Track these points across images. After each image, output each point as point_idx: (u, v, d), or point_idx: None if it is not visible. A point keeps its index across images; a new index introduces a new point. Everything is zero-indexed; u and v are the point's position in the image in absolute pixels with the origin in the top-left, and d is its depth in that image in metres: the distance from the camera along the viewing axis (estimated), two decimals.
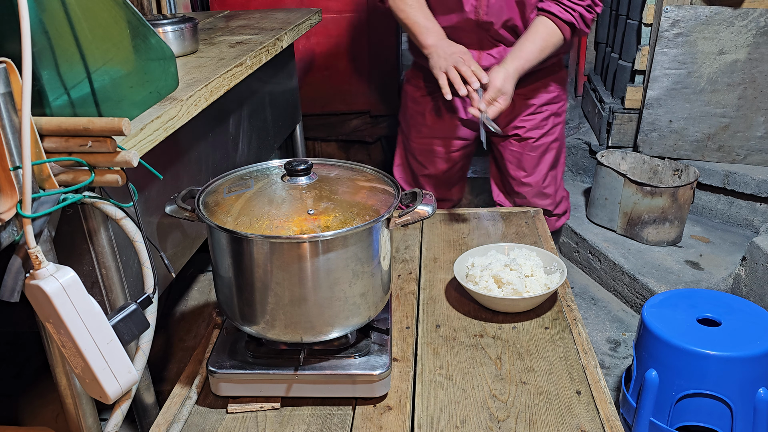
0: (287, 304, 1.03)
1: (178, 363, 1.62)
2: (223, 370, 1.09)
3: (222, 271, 1.07)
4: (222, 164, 1.54)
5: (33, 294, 0.84)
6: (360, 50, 2.95)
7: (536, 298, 1.30)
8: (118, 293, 1.08)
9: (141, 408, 1.18)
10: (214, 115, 1.48)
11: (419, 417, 1.07)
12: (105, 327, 0.89)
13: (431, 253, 1.60)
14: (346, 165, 1.20)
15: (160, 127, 1.07)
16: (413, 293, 1.43)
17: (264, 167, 1.18)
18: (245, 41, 1.65)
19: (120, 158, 0.89)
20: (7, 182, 0.82)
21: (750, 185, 2.60)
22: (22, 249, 0.85)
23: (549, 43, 1.66)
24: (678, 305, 1.65)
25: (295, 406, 1.11)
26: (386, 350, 1.12)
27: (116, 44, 1.06)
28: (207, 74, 1.31)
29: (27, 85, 0.78)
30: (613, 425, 1.03)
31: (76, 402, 1.03)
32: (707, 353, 1.46)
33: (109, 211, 0.97)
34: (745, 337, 1.51)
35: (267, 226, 0.99)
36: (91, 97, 0.98)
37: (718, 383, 1.47)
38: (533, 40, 1.66)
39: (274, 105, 1.96)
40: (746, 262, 2.13)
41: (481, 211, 1.82)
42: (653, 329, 1.55)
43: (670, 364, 1.51)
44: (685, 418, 1.53)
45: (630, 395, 1.63)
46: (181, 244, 1.32)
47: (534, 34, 1.66)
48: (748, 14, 2.55)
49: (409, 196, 1.13)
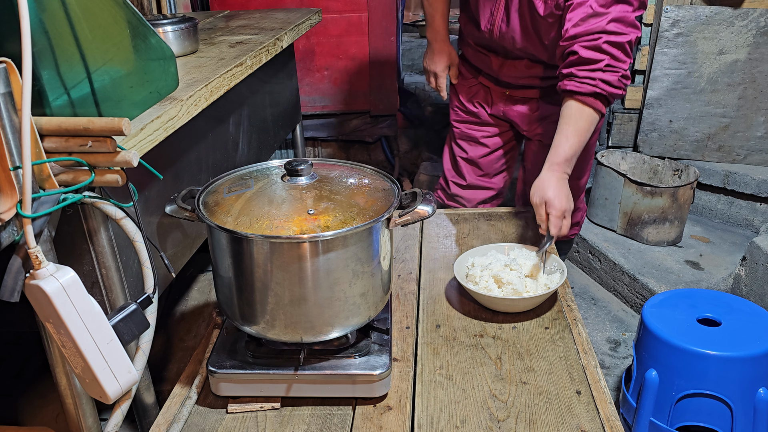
0: (287, 304, 1.03)
1: (178, 363, 1.62)
2: (223, 370, 1.09)
3: (222, 271, 1.07)
4: (222, 164, 1.54)
5: (33, 294, 0.84)
6: (360, 50, 2.96)
7: (536, 298, 1.30)
8: (118, 293, 1.08)
9: (141, 408, 1.18)
10: (214, 115, 1.48)
11: (419, 417, 1.07)
12: (105, 327, 0.89)
13: (431, 253, 1.60)
14: (346, 165, 1.20)
15: (160, 127, 1.07)
16: (413, 293, 1.43)
17: (264, 167, 1.18)
18: (245, 41, 1.65)
19: (120, 158, 0.89)
20: (7, 182, 0.82)
21: (750, 185, 2.60)
22: (22, 249, 0.85)
23: (582, 126, 1.47)
24: (678, 305, 1.65)
25: (295, 406, 1.11)
26: (386, 350, 1.12)
27: (116, 44, 1.06)
28: (207, 74, 1.31)
29: (27, 85, 0.78)
30: (613, 425, 1.03)
31: (76, 402, 1.03)
32: (707, 353, 1.46)
33: (109, 211, 0.97)
34: (745, 337, 1.51)
35: (267, 226, 0.99)
36: (91, 97, 0.98)
37: (718, 383, 1.47)
38: (563, 130, 1.47)
39: (274, 105, 1.96)
40: (746, 262, 2.13)
41: (482, 211, 1.82)
42: (653, 329, 1.55)
43: (670, 364, 1.51)
44: (685, 418, 1.53)
45: (630, 395, 1.63)
46: (181, 244, 1.32)
47: (563, 124, 1.48)
48: (748, 14, 2.55)
49: (409, 196, 1.13)
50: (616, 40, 1.43)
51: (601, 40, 1.42)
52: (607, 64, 1.43)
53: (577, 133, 1.46)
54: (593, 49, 1.43)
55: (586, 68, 1.44)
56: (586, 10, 1.43)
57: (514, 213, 1.80)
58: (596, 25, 1.43)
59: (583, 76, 1.44)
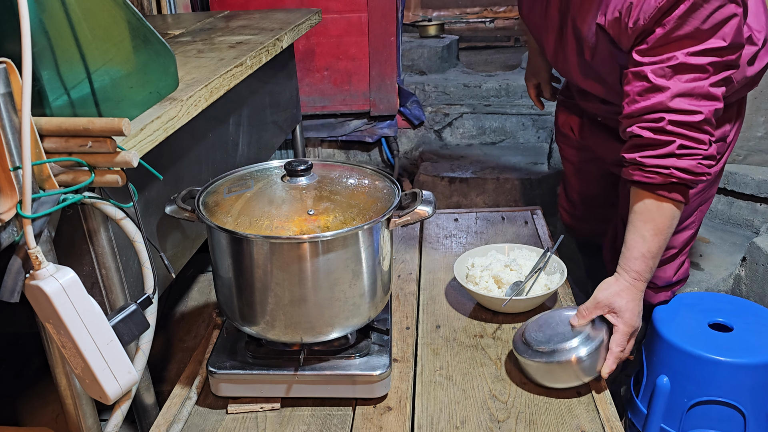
0: (287, 304, 1.03)
1: (178, 363, 1.61)
2: (223, 370, 1.09)
3: (222, 272, 1.07)
4: (222, 164, 1.54)
5: (33, 294, 0.84)
6: (360, 50, 2.96)
7: (536, 298, 1.30)
8: (118, 293, 1.08)
9: (141, 408, 1.17)
10: (214, 116, 1.48)
11: (419, 417, 1.07)
12: (105, 327, 0.89)
13: (431, 253, 1.60)
14: (346, 165, 1.20)
15: (160, 128, 1.07)
16: (413, 293, 1.43)
17: (264, 167, 1.18)
18: (245, 41, 1.65)
19: (120, 158, 0.89)
20: (7, 182, 0.81)
21: (750, 185, 2.60)
22: (22, 249, 0.85)
23: (662, 224, 1.15)
24: (689, 310, 1.62)
25: (295, 407, 1.11)
26: (386, 351, 1.12)
27: (116, 44, 1.06)
28: (207, 74, 1.31)
29: (27, 85, 0.78)
30: (613, 425, 1.03)
31: (76, 402, 1.03)
32: (719, 359, 1.44)
33: (109, 212, 0.97)
34: (759, 343, 1.47)
35: (267, 226, 0.99)
36: (91, 97, 0.98)
37: (730, 390, 1.44)
38: (638, 229, 1.17)
39: (274, 105, 1.96)
40: (746, 263, 2.13)
41: (481, 212, 1.82)
42: (664, 334, 1.53)
43: (682, 371, 1.48)
44: (696, 424, 1.50)
45: (639, 401, 1.62)
46: (181, 245, 1.32)
47: (637, 221, 1.17)
48: None
49: (409, 197, 1.13)
50: (685, 120, 1.11)
51: (665, 121, 1.11)
52: (680, 145, 1.11)
53: (656, 232, 1.15)
54: (656, 132, 1.13)
55: (654, 154, 1.13)
56: (642, 83, 1.13)
57: (514, 213, 1.80)
58: (656, 102, 1.12)
59: (651, 165, 1.13)
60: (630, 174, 1.17)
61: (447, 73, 3.41)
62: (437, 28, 3.71)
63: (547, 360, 1.09)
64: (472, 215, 1.80)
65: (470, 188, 2.71)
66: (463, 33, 4.19)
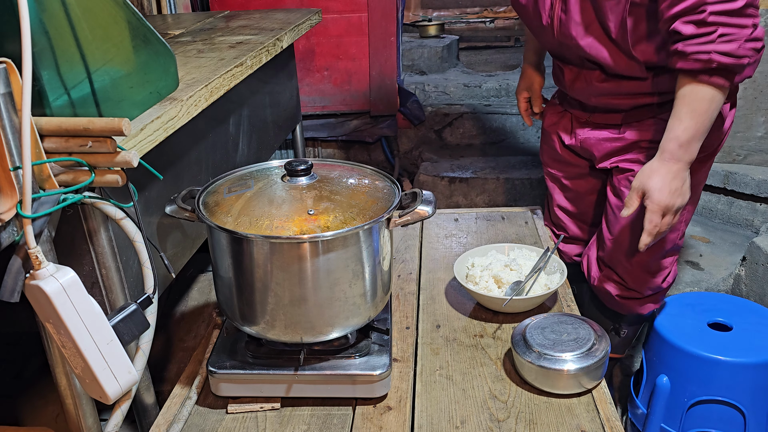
0: (287, 304, 1.03)
1: (178, 363, 1.61)
2: (223, 370, 1.09)
3: (222, 272, 1.07)
4: (222, 164, 1.54)
5: (33, 294, 0.84)
6: (360, 50, 2.96)
7: (536, 298, 1.30)
8: (118, 293, 1.08)
9: (141, 408, 1.17)
10: (214, 116, 1.48)
11: (419, 417, 1.07)
12: (105, 327, 0.89)
13: (431, 253, 1.60)
14: (347, 165, 1.20)
15: (160, 128, 1.07)
16: (413, 293, 1.43)
17: (264, 167, 1.18)
18: (245, 41, 1.65)
19: (120, 158, 0.89)
20: (7, 182, 0.82)
21: (750, 185, 2.60)
22: (22, 249, 0.85)
23: (699, 108, 1.23)
24: (688, 310, 1.62)
25: (295, 407, 1.11)
26: (386, 350, 1.12)
27: (116, 44, 1.06)
28: (207, 74, 1.31)
29: (27, 85, 0.78)
30: (613, 425, 1.03)
31: (76, 402, 1.03)
32: (719, 359, 1.44)
33: (109, 212, 0.97)
34: (758, 343, 1.48)
35: (267, 226, 0.99)
36: (91, 97, 0.98)
37: (730, 389, 1.44)
38: (676, 112, 1.26)
39: (274, 105, 1.96)
40: (746, 263, 2.13)
41: (481, 211, 1.82)
42: (664, 334, 1.53)
43: (682, 370, 1.48)
44: (697, 424, 1.50)
45: (639, 401, 1.62)
46: (181, 244, 1.32)
47: (676, 105, 1.26)
48: None
49: (409, 197, 1.13)
50: (724, 9, 1.17)
51: (706, 13, 1.17)
52: (721, 34, 1.17)
53: (693, 115, 1.23)
54: (699, 24, 1.19)
55: (695, 42, 1.19)
56: None
57: (514, 213, 1.80)
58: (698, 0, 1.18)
59: (692, 51, 1.19)
60: (674, 62, 1.24)
61: (447, 73, 3.41)
62: (437, 28, 3.71)
63: (546, 365, 1.09)
64: (472, 215, 1.80)
65: (470, 188, 2.71)
66: (463, 33, 4.19)
